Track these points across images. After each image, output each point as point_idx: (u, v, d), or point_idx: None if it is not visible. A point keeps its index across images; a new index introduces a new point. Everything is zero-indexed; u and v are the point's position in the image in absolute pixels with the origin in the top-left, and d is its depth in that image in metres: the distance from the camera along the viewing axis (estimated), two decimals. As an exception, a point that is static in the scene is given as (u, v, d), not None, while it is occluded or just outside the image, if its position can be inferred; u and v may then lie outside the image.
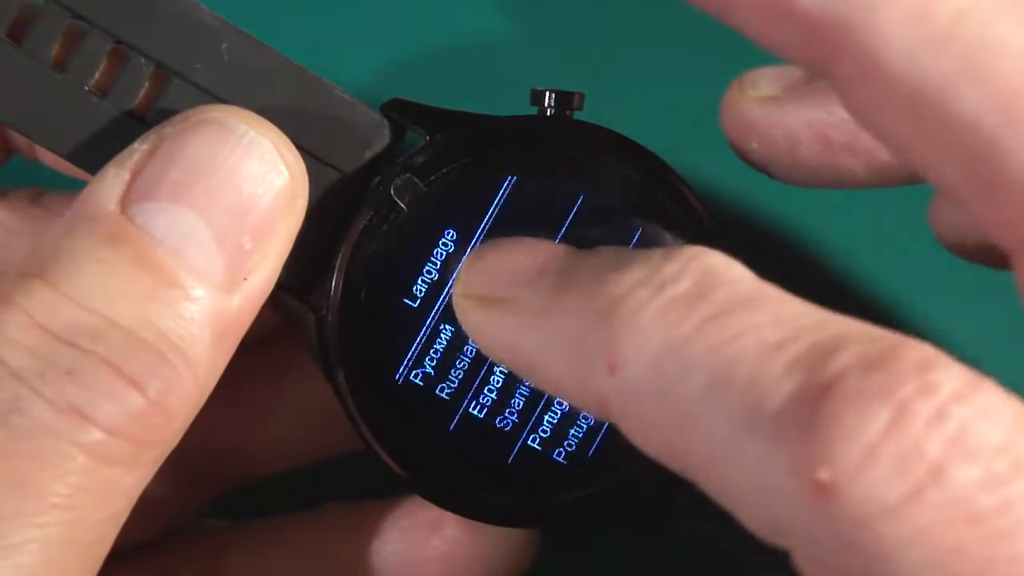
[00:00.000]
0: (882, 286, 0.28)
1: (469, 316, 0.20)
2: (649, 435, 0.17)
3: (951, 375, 0.15)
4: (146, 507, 0.21)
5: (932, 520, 0.15)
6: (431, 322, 0.23)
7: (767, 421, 0.15)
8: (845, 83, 0.18)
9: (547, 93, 0.23)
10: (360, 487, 0.26)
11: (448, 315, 0.22)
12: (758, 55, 0.23)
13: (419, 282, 0.23)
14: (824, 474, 0.15)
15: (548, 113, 0.23)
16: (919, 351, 0.15)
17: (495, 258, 0.20)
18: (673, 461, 0.17)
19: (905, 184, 0.22)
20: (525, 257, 0.19)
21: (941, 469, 0.15)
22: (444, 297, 0.22)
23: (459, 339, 0.23)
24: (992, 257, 0.19)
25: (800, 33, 0.18)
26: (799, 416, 0.15)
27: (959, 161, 0.17)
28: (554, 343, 0.18)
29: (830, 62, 0.18)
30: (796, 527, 0.15)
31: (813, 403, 0.15)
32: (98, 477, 0.19)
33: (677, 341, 0.16)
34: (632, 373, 0.17)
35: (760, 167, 0.23)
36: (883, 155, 0.22)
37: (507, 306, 0.19)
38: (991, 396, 0.15)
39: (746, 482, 0.16)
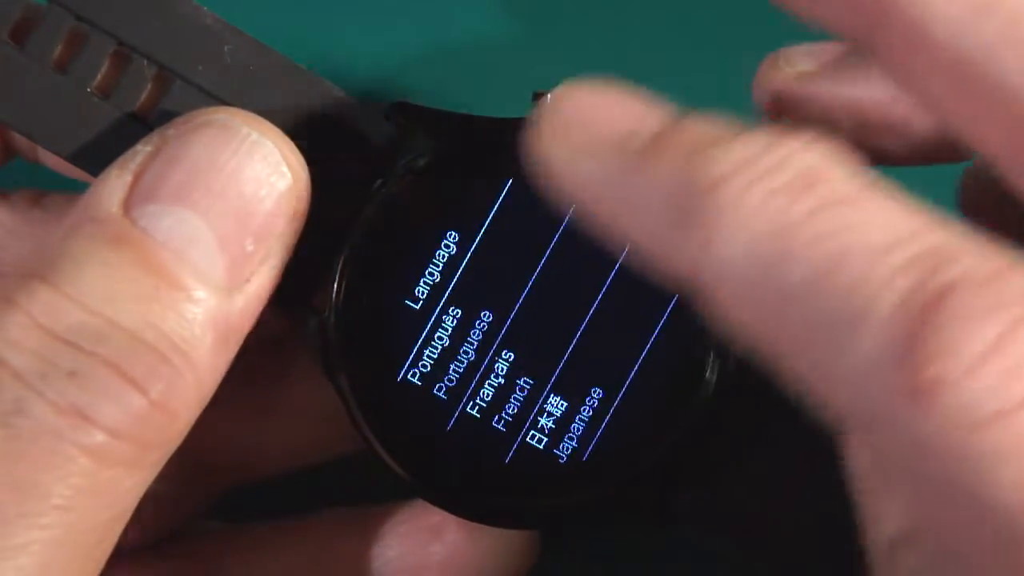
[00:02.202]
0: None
1: (553, 152, 0.19)
2: (739, 312, 0.17)
3: None
4: (147, 508, 0.21)
5: None
6: (433, 323, 0.23)
7: (876, 317, 0.15)
8: (889, 52, 0.18)
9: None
10: (360, 490, 0.26)
11: (451, 316, 0.23)
12: (759, 54, 0.23)
13: (421, 283, 0.23)
14: (931, 372, 0.15)
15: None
16: None
17: (589, 99, 0.19)
18: (763, 342, 0.17)
19: (937, 163, 0.22)
20: (620, 107, 0.19)
21: None
22: (446, 298, 0.23)
23: (460, 339, 0.23)
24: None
25: (844, 4, 0.18)
26: (910, 317, 0.15)
27: (1003, 129, 0.17)
28: (648, 202, 0.17)
29: (875, 31, 0.18)
30: (887, 422, 0.15)
31: (927, 306, 0.15)
32: (100, 478, 0.19)
33: (781, 226, 0.16)
34: (730, 252, 0.16)
35: None
36: (916, 133, 0.22)
37: (600, 152, 0.18)
38: None
39: (843, 370, 0.16)
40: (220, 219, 0.20)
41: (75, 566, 0.19)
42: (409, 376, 0.23)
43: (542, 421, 0.23)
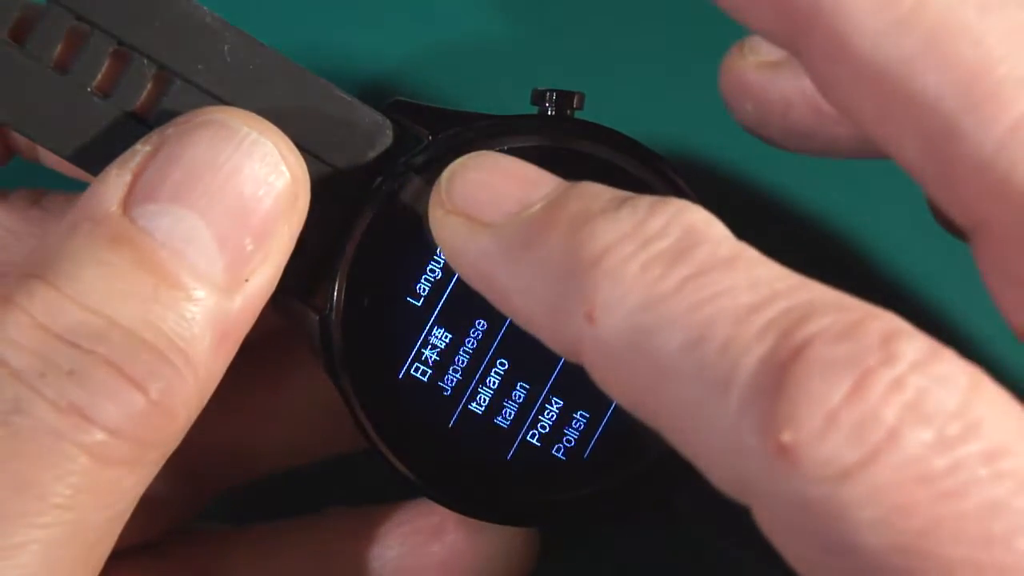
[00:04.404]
0: (877, 263, 0.28)
1: (445, 232, 0.20)
2: (621, 387, 0.17)
3: (913, 345, 0.16)
4: (147, 507, 0.21)
5: (885, 480, 0.15)
6: (434, 321, 0.23)
7: (737, 383, 0.16)
8: (813, 60, 0.18)
9: (548, 93, 0.23)
10: (361, 489, 0.26)
11: (452, 314, 0.23)
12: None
13: (422, 281, 0.23)
14: (787, 436, 0.15)
15: (549, 113, 0.23)
16: (885, 322, 0.16)
17: (480, 176, 0.20)
18: (644, 414, 0.17)
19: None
20: (511, 182, 0.19)
21: (896, 433, 0.15)
22: (447, 295, 0.23)
23: (461, 337, 0.23)
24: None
25: (772, 11, 0.18)
26: (767, 379, 0.16)
27: (919, 140, 0.18)
28: (533, 280, 0.18)
29: (800, 40, 0.18)
30: (759, 486, 0.16)
31: (782, 367, 0.16)
32: (99, 478, 0.19)
33: (656, 297, 0.17)
34: (610, 324, 0.17)
35: (753, 130, 0.24)
36: None
37: (488, 231, 0.19)
38: (949, 364, 0.16)
39: (714, 440, 0.16)
40: (219, 218, 0.20)
41: (75, 565, 0.19)
42: (411, 373, 0.23)
43: (542, 420, 0.23)
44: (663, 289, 0.17)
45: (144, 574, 0.25)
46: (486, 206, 0.19)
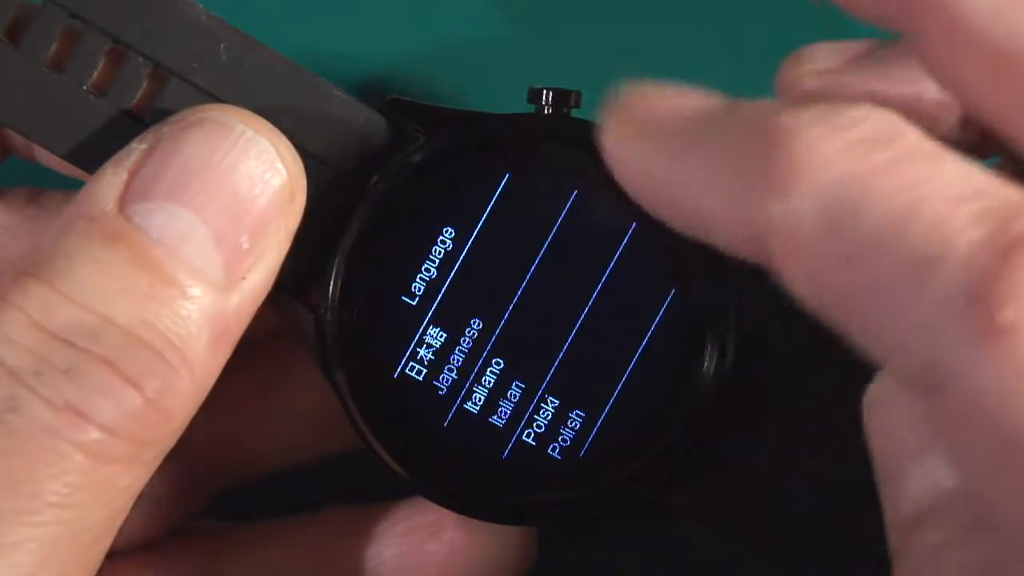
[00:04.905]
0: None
1: (621, 148, 0.19)
2: (810, 271, 0.16)
3: None
4: (144, 506, 0.21)
5: None
6: (429, 320, 0.23)
7: (951, 258, 0.15)
8: (927, 41, 0.18)
9: (545, 91, 0.23)
10: (358, 488, 0.26)
11: (447, 313, 0.23)
12: (760, 54, 0.23)
13: (417, 280, 0.23)
14: (1004, 316, 0.15)
15: (545, 111, 0.23)
16: None
17: (653, 92, 0.19)
18: (831, 299, 0.16)
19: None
20: (688, 98, 0.18)
21: None
22: (442, 295, 0.23)
23: (457, 336, 0.23)
24: None
25: None
26: (986, 259, 0.15)
27: None
28: (715, 169, 0.17)
29: (911, 19, 0.18)
30: (957, 369, 0.15)
31: (1000, 253, 0.15)
32: (96, 476, 0.19)
33: (862, 172, 0.16)
34: (806, 195, 0.16)
35: None
36: (941, 130, 0.22)
37: (667, 136, 0.18)
38: None
39: (913, 321, 0.15)
40: (215, 216, 0.20)
41: (71, 564, 0.19)
42: (406, 372, 0.23)
43: (538, 419, 0.23)
44: (869, 165, 0.16)
45: (143, 572, 0.25)
46: (664, 111, 0.18)
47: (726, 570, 0.27)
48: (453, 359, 0.23)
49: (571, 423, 0.23)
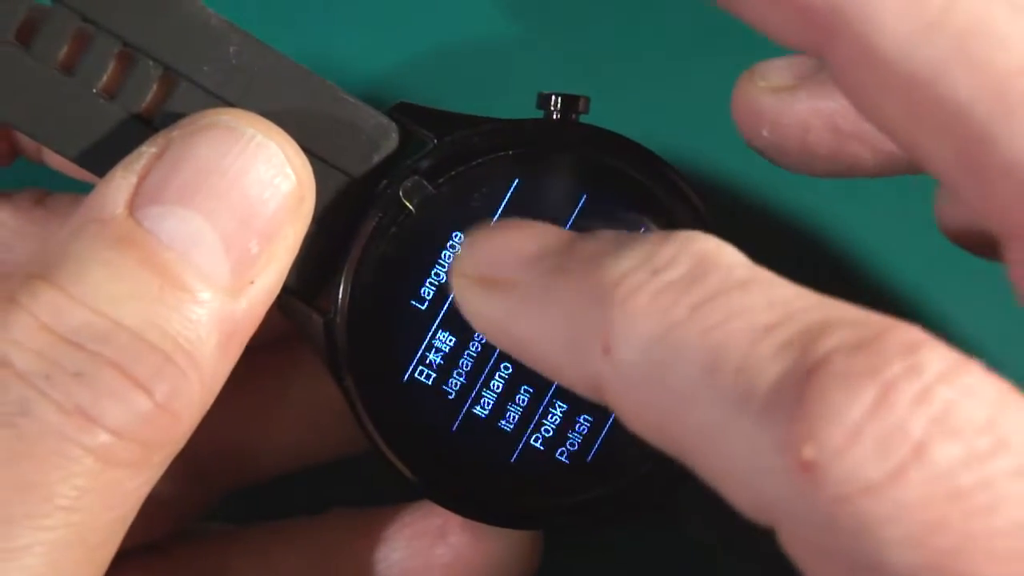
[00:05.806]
0: (887, 277, 0.28)
1: (467, 298, 0.19)
2: (643, 417, 0.17)
3: (937, 356, 0.15)
4: (151, 509, 0.21)
5: (914, 497, 0.15)
6: (439, 325, 0.23)
7: (756, 402, 0.16)
8: (840, 68, 0.18)
9: (553, 97, 0.23)
10: (364, 492, 0.26)
11: (456, 318, 0.23)
12: (759, 53, 0.23)
13: (427, 284, 0.23)
14: (809, 452, 0.15)
15: (554, 117, 0.23)
16: (906, 333, 0.16)
17: (495, 240, 0.20)
18: (665, 443, 0.17)
19: (912, 173, 0.22)
20: (525, 240, 0.19)
21: (924, 447, 0.15)
22: (451, 299, 0.23)
23: (465, 341, 0.23)
24: (992, 249, 0.19)
25: (796, 18, 0.18)
26: (786, 396, 0.15)
27: (952, 146, 0.17)
28: (550, 326, 0.18)
29: (826, 47, 0.18)
30: (782, 505, 0.15)
31: (800, 383, 0.15)
32: (104, 479, 0.19)
33: (670, 324, 0.17)
34: (626, 355, 0.17)
35: (771, 156, 0.23)
36: (891, 143, 0.22)
37: (505, 289, 0.19)
38: (976, 376, 0.15)
39: (735, 462, 0.16)
40: (224, 221, 0.20)
41: (80, 566, 0.19)
42: (415, 377, 0.23)
43: (545, 424, 0.23)
44: (675, 316, 0.17)
45: (148, 574, 0.25)
46: (502, 266, 0.19)
47: (727, 570, 0.27)
48: (462, 364, 0.23)
49: (579, 428, 0.23)
